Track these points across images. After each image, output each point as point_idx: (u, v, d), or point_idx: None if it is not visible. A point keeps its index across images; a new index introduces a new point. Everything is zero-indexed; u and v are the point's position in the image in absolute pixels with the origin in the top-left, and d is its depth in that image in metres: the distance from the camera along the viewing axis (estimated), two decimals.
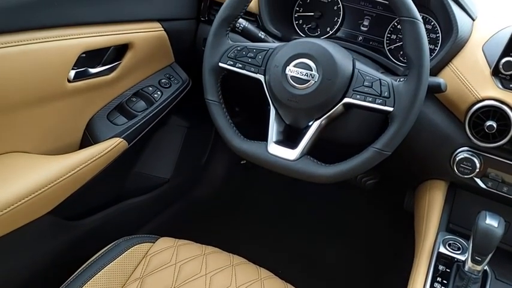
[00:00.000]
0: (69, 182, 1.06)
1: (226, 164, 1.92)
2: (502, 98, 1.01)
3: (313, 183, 0.99)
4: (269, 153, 1.01)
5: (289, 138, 1.04)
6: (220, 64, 1.05)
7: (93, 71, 1.13)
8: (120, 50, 1.18)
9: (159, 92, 1.30)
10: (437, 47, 1.17)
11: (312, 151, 1.00)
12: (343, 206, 1.95)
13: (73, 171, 1.06)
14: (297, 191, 1.99)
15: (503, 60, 1.01)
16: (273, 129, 1.02)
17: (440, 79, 1.01)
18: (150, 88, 1.29)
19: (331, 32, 1.30)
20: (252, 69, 1.03)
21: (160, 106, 1.29)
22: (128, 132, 1.20)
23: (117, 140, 1.17)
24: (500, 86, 1.02)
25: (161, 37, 1.29)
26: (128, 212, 1.47)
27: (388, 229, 1.79)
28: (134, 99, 1.26)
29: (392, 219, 1.73)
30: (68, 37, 1.02)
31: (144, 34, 1.22)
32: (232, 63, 1.04)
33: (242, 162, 1.95)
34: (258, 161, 1.03)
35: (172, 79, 1.35)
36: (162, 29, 1.28)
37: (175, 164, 1.62)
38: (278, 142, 1.02)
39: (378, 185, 1.67)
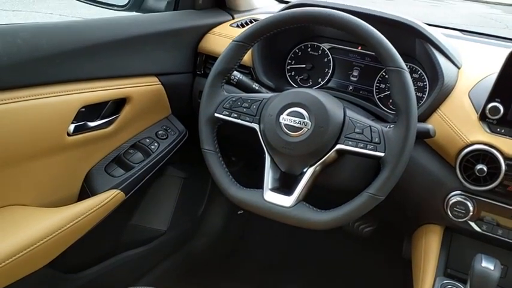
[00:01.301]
0: (67, 234, 1.06)
1: (224, 214, 1.92)
2: (491, 142, 1.04)
3: (311, 230, 1.00)
4: (265, 200, 1.02)
5: (284, 185, 1.05)
6: (216, 114, 1.08)
7: (92, 124, 1.16)
8: (118, 104, 1.22)
9: (156, 144, 1.33)
10: (425, 94, 1.22)
11: (308, 197, 1.02)
12: (344, 255, 1.93)
13: (71, 224, 1.07)
14: (296, 240, 1.98)
15: (490, 105, 1.05)
16: (269, 177, 1.04)
17: (428, 125, 1.05)
18: (147, 140, 1.32)
19: (322, 83, 1.35)
20: (247, 118, 1.06)
21: (157, 157, 1.31)
22: (125, 183, 1.21)
23: (115, 191, 1.18)
24: (488, 130, 1.06)
25: (158, 91, 1.33)
26: (125, 264, 1.46)
27: (387, 277, 1.77)
28: (132, 151, 1.28)
29: (392, 267, 1.72)
30: (68, 92, 1.06)
31: (141, 88, 1.26)
32: (227, 113, 1.07)
33: (239, 212, 1.95)
34: (254, 208, 1.04)
35: (169, 130, 1.38)
36: (160, 82, 1.32)
37: (172, 215, 1.62)
38: (274, 189, 1.04)
39: (376, 233, 1.67)
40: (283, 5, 1.35)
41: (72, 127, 1.10)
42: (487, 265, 0.92)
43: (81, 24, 1.16)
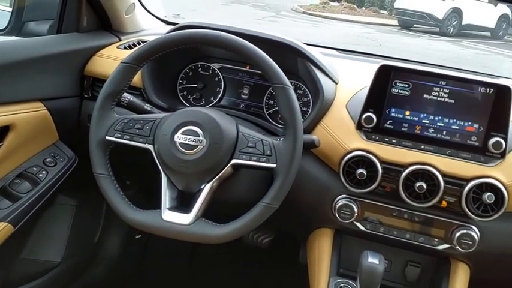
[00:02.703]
0: None
1: (121, 240, 1.86)
2: (367, 148, 1.15)
3: (212, 245, 1.02)
4: (164, 220, 1.03)
5: (183, 204, 1.07)
6: (108, 137, 1.07)
7: None
8: (1, 132, 1.15)
9: (44, 172, 1.27)
10: (309, 108, 1.31)
11: (208, 213, 1.04)
12: (244, 268, 1.97)
13: None
14: (196, 260, 1.98)
15: (364, 115, 1.17)
16: (166, 196, 1.05)
17: (313, 136, 1.14)
18: (35, 168, 1.26)
19: (215, 101, 1.39)
20: (141, 139, 1.06)
21: (46, 186, 1.25)
22: (13, 215, 1.14)
23: (2, 224, 1.10)
24: (365, 138, 1.17)
25: (44, 116, 1.28)
26: None
27: (288, 285, 1.84)
28: (18, 180, 1.21)
29: (291, 274, 1.79)
30: None
31: (26, 115, 1.20)
32: (119, 135, 1.06)
33: (137, 236, 1.91)
34: (153, 229, 1.04)
35: (57, 157, 1.32)
36: (45, 108, 1.27)
37: (65, 246, 1.54)
38: (172, 208, 1.04)
39: (274, 242, 1.73)
40: (171, 27, 1.38)
41: None
42: (373, 260, 1.02)
43: None
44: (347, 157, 1.15)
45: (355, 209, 1.18)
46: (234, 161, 1.03)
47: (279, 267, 1.89)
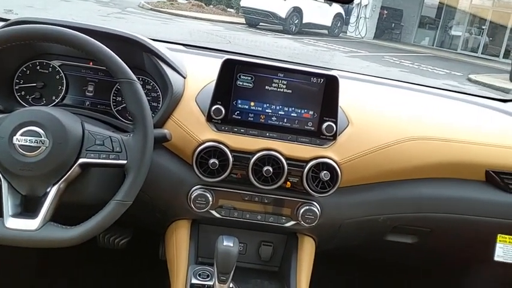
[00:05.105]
0: None
1: None
2: (218, 139, 1.21)
3: (63, 249, 0.98)
4: (8, 228, 0.96)
5: (28, 209, 1.01)
6: None
7: None
8: None
9: None
10: (159, 103, 1.32)
11: (58, 217, 1.00)
12: (100, 270, 1.91)
13: None
14: (49, 267, 1.86)
15: (213, 108, 1.22)
16: (8, 203, 0.98)
17: (165, 130, 1.16)
18: None
19: (57, 100, 1.32)
20: None
21: None
22: None
23: None
24: (215, 129, 1.22)
25: None
26: None
27: (150, 283, 1.83)
28: None
29: (152, 272, 1.78)
30: None
31: None
32: None
33: None
34: None
35: None
36: None
37: None
38: (16, 215, 0.98)
39: (132, 242, 1.70)
40: (1, 23, 1.27)
41: None
42: (228, 243, 1.07)
43: None
44: (199, 148, 1.19)
45: (210, 198, 1.23)
46: (81, 160, 1.00)
47: (139, 266, 1.87)
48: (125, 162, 1.00)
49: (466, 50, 15.82)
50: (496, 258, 1.38)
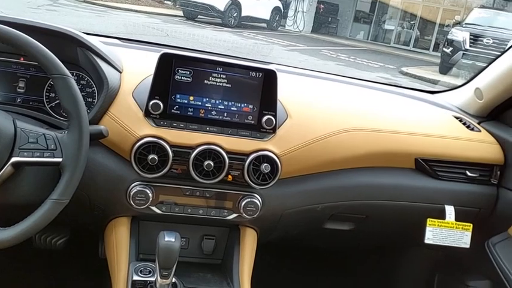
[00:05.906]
0: None
1: None
2: (157, 134, 1.19)
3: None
4: None
5: None
6: None
7: None
8: None
9: None
10: (94, 99, 1.29)
11: None
12: (40, 277, 1.84)
13: None
14: None
15: (151, 102, 1.20)
16: None
17: (101, 126, 1.13)
18: None
19: None
20: None
21: None
22: None
23: None
24: (154, 124, 1.21)
25: None
26: None
27: (90, 282, 1.79)
28: None
29: (92, 272, 1.74)
30: None
31: None
32: None
33: None
34: None
35: None
36: None
37: None
38: None
39: (70, 242, 1.65)
40: None
41: None
42: (169, 238, 1.07)
43: None
44: (137, 144, 1.17)
45: (150, 194, 1.22)
46: (13, 159, 0.96)
47: (78, 266, 1.82)
48: (60, 160, 0.97)
49: (399, 44, 16.50)
50: (426, 241, 1.47)
